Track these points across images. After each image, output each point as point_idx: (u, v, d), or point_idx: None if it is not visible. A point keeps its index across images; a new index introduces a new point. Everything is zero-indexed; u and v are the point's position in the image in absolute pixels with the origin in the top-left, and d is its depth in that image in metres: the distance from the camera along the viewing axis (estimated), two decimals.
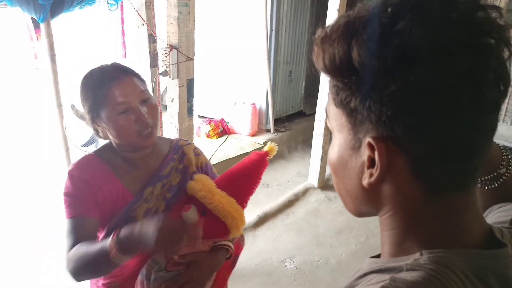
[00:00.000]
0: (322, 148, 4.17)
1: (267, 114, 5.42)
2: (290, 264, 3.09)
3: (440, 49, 0.40)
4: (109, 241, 0.98)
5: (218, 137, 5.23)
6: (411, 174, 0.46)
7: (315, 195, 4.22)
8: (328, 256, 3.21)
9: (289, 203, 3.98)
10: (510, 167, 0.68)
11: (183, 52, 2.34)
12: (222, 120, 5.42)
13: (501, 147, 0.70)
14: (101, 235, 1.20)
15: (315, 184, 4.35)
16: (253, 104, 5.28)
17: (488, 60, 0.41)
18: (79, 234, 1.10)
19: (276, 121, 5.59)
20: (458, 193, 0.47)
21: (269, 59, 5.07)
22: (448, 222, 0.47)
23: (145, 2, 3.11)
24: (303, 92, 6.07)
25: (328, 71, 0.49)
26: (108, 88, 1.11)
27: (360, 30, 0.44)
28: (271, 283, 2.88)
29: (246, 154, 4.77)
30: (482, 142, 0.45)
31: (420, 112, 0.42)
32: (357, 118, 0.47)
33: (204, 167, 1.37)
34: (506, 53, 0.43)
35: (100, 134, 1.21)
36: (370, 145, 0.46)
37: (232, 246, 1.24)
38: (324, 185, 4.43)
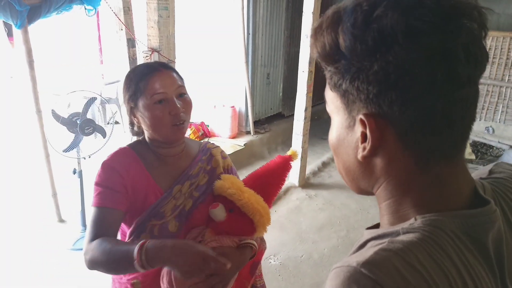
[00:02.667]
0: (302, 147, 4.27)
1: (247, 116, 5.49)
2: (275, 261, 3.16)
3: (413, 30, 0.45)
4: (136, 250, 1.00)
5: (199, 140, 5.26)
6: (400, 146, 0.51)
7: (296, 193, 4.31)
8: (311, 251, 3.30)
9: None
10: None
11: (164, 55, 2.39)
12: (202, 123, 5.46)
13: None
14: (129, 228, 1.23)
15: (296, 183, 4.44)
16: (233, 106, 5.34)
17: (457, 38, 0.46)
18: (102, 224, 1.13)
19: (256, 123, 5.67)
20: (445, 162, 0.52)
21: (247, 62, 5.15)
22: (438, 190, 0.52)
23: (123, 7, 3.14)
24: (281, 94, 6.17)
25: (321, 58, 0.55)
26: (149, 78, 1.18)
27: (344, 19, 0.50)
28: None
29: None
30: (460, 113, 0.49)
31: (401, 87, 0.47)
32: (349, 99, 0.53)
33: (229, 170, 1.42)
34: (482, 33, 0.48)
35: (135, 127, 1.28)
36: (362, 122, 0.51)
37: (256, 244, 1.25)
38: (305, 183, 4.52)
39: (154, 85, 1.18)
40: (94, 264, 1.09)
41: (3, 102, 6.49)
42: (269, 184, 1.28)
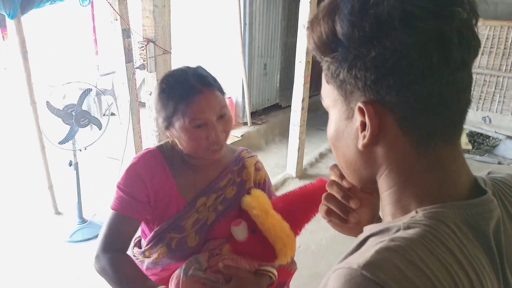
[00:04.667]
0: (299, 138, 4.26)
1: (244, 107, 5.47)
2: None
3: (409, 16, 0.46)
4: None
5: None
6: (400, 131, 0.51)
7: (293, 184, 4.30)
8: (309, 242, 3.30)
9: None
10: None
11: (160, 45, 2.36)
12: None
13: None
14: (150, 233, 1.20)
15: (293, 174, 4.43)
16: (229, 97, 5.31)
17: (451, 22, 0.47)
18: (117, 232, 1.14)
19: (253, 114, 5.65)
20: (444, 145, 0.52)
21: (243, 52, 5.11)
22: (439, 175, 0.52)
23: None
24: (278, 84, 6.14)
25: (318, 48, 0.54)
26: (191, 101, 1.07)
27: (341, 6, 0.50)
28: None
29: None
30: (456, 95, 0.50)
31: (398, 72, 0.48)
32: (347, 89, 0.53)
33: (262, 184, 1.31)
34: (474, 19, 0.49)
35: (168, 139, 1.19)
36: (360, 110, 0.51)
37: (276, 274, 1.17)
38: (302, 174, 4.52)
39: (196, 109, 1.07)
40: (102, 275, 1.11)
41: None
42: (302, 211, 1.14)
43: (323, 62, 0.56)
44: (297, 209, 1.14)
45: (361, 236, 0.54)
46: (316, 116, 5.69)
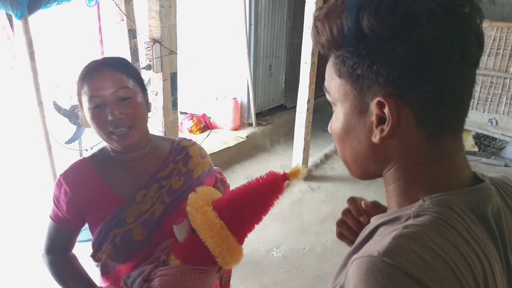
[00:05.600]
0: (304, 139, 4.25)
1: (249, 108, 5.46)
2: (277, 253, 3.16)
3: (435, 14, 0.48)
4: None
5: (201, 132, 5.25)
6: (414, 124, 0.53)
7: (298, 185, 4.30)
8: (314, 243, 3.30)
9: None
10: None
11: (166, 46, 2.36)
12: (204, 115, 5.44)
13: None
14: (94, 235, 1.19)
15: None
16: (235, 98, 5.32)
17: (470, 22, 0.50)
18: (54, 238, 1.24)
19: (258, 115, 5.64)
20: (451, 137, 0.54)
21: (249, 53, 5.11)
22: (445, 165, 0.55)
23: None
24: (283, 85, 6.14)
25: (335, 42, 0.54)
26: (88, 77, 1.08)
27: (367, 1, 0.51)
28: (259, 271, 2.94)
29: (229, 148, 4.81)
30: (467, 90, 0.53)
31: (423, 68, 0.50)
32: (364, 84, 0.53)
33: (208, 170, 1.27)
34: (478, 20, 0.52)
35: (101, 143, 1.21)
36: (379, 104, 0.52)
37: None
38: (307, 175, 4.51)
39: (91, 86, 1.06)
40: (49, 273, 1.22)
41: (4, 93, 6.47)
42: (249, 208, 1.00)
43: (334, 55, 0.56)
44: (245, 206, 1.01)
45: (370, 226, 0.56)
46: (321, 117, 5.67)
